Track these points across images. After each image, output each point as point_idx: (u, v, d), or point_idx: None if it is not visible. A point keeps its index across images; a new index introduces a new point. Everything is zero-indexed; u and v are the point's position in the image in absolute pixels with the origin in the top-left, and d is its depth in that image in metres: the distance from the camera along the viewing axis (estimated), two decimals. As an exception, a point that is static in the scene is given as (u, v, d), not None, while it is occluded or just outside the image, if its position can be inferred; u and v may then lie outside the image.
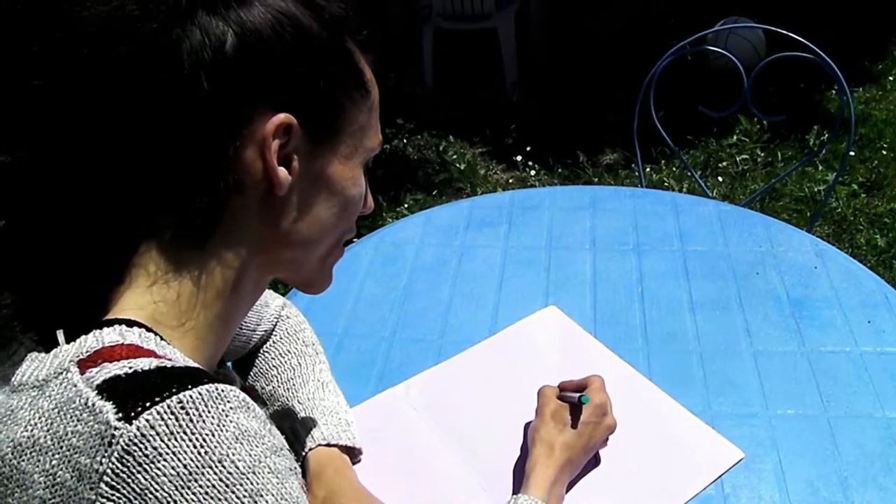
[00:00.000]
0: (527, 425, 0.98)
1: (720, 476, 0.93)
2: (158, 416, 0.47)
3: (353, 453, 0.93)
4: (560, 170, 3.17)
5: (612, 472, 0.94)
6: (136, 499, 0.46)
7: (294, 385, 0.95)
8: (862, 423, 0.98)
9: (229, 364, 0.97)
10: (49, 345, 0.54)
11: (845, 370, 1.06)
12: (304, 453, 0.88)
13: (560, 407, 0.92)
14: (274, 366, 0.96)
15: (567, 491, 0.91)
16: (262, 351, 0.97)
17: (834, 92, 3.33)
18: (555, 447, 0.88)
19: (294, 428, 0.90)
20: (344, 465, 0.89)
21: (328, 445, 0.90)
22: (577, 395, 0.91)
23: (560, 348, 1.13)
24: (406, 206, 3.00)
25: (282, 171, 0.57)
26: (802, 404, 1.02)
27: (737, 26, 2.86)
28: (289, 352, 0.97)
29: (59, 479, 0.48)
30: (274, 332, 0.99)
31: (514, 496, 0.83)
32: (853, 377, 1.05)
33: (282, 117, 0.56)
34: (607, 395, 0.94)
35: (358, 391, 1.06)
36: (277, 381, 0.95)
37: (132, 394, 0.49)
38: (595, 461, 0.95)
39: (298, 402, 0.93)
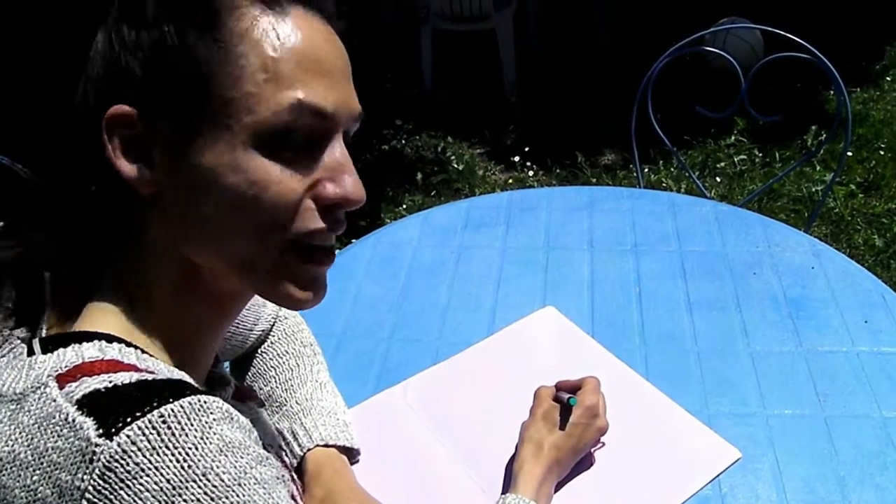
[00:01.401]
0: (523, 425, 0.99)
1: (717, 476, 0.93)
2: (140, 432, 0.47)
3: (351, 454, 0.93)
4: (558, 170, 3.17)
5: (610, 472, 0.94)
6: None
7: (292, 386, 0.95)
8: (859, 423, 0.98)
9: (226, 364, 0.97)
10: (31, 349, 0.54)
11: (842, 370, 1.06)
12: (302, 454, 0.88)
13: (552, 407, 0.92)
14: (272, 366, 0.96)
15: (564, 491, 0.92)
16: (259, 352, 0.98)
17: (832, 92, 3.34)
18: (543, 447, 0.88)
19: (292, 428, 0.90)
20: (342, 465, 0.90)
21: (326, 446, 0.90)
22: (567, 396, 0.92)
23: (558, 348, 1.13)
24: (404, 206, 3.00)
25: (126, 167, 0.53)
26: (799, 404, 1.02)
27: (735, 27, 2.86)
28: (287, 352, 0.97)
29: (39, 495, 0.47)
30: (272, 333, 0.99)
31: (503, 496, 0.84)
32: (850, 377, 1.05)
33: (113, 109, 0.51)
34: (602, 396, 0.94)
35: (356, 392, 1.07)
36: (275, 381, 0.95)
37: (112, 409, 0.48)
38: (587, 462, 0.95)
39: (296, 402, 0.93)
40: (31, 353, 0.53)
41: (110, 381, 0.50)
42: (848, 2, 4.01)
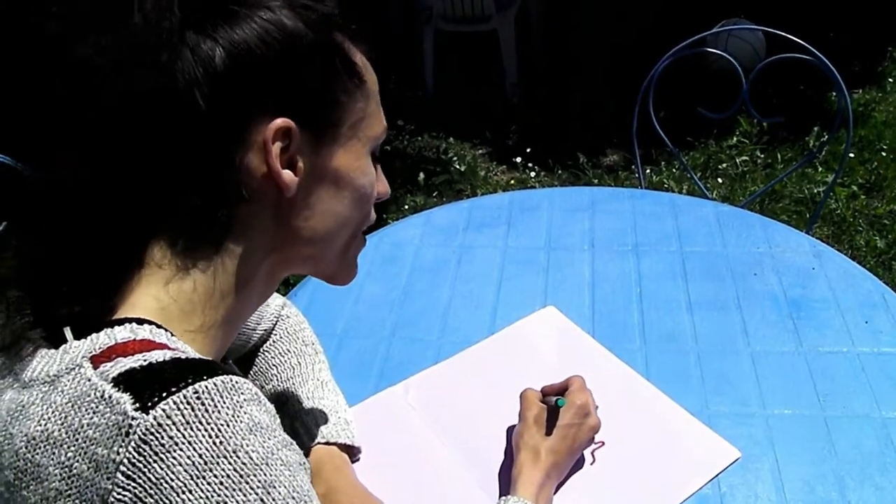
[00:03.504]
0: (509, 428, 0.99)
1: (717, 475, 0.93)
2: (175, 406, 0.48)
3: (351, 452, 0.94)
4: (560, 171, 3.18)
5: (610, 471, 0.95)
6: (151, 488, 0.47)
7: (293, 384, 0.95)
8: (859, 423, 0.99)
9: (230, 362, 0.98)
10: (56, 342, 0.55)
11: (842, 370, 1.07)
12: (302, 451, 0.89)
13: (542, 410, 0.93)
14: (273, 365, 0.97)
15: (564, 490, 0.92)
16: (261, 350, 0.98)
17: (833, 94, 3.34)
18: (540, 452, 0.88)
19: (293, 426, 0.91)
20: (343, 463, 0.90)
21: (327, 443, 0.90)
22: (555, 398, 0.92)
23: (558, 348, 1.14)
24: (406, 207, 3.01)
25: (287, 174, 0.59)
26: (799, 404, 1.02)
27: (737, 28, 2.87)
28: (288, 351, 0.98)
29: (75, 471, 0.48)
30: (274, 332, 0.99)
31: (503, 497, 0.84)
32: (850, 377, 1.05)
33: (279, 122, 0.57)
34: (589, 393, 0.94)
35: (357, 390, 1.07)
36: (277, 380, 0.96)
37: (149, 385, 0.49)
38: (588, 461, 0.95)
39: (298, 400, 0.93)
40: (63, 342, 0.55)
41: (145, 360, 0.51)
42: (850, 3, 4.01)
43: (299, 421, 0.91)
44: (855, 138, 3.12)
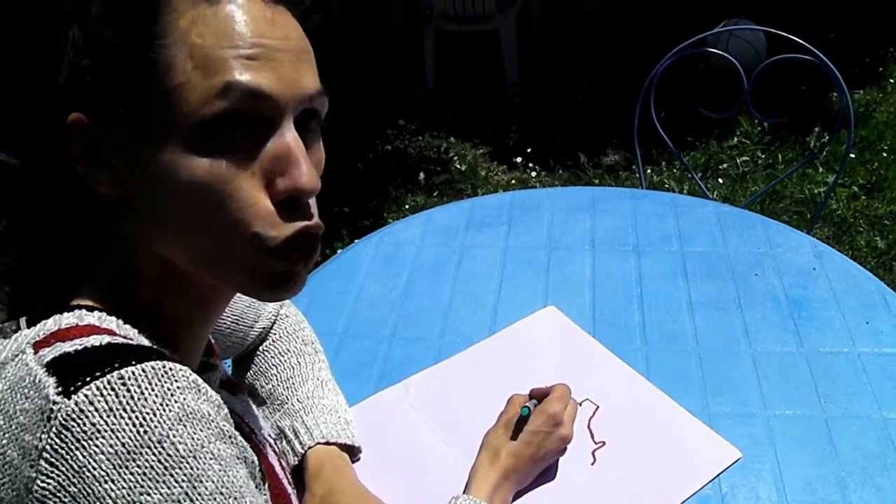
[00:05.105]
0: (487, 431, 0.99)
1: (718, 476, 0.93)
2: (98, 392, 0.46)
3: (352, 452, 0.94)
4: (561, 171, 3.17)
5: (610, 472, 0.94)
6: (74, 476, 0.45)
7: (293, 384, 0.95)
8: (860, 424, 0.98)
9: (227, 363, 0.98)
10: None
11: (843, 371, 1.06)
12: (303, 451, 0.89)
13: (517, 415, 0.93)
14: (273, 364, 0.96)
15: (564, 490, 0.92)
16: (260, 350, 0.98)
17: (835, 94, 3.33)
18: (500, 453, 0.89)
19: (293, 426, 0.90)
20: (343, 463, 0.90)
21: (327, 444, 0.90)
22: (523, 405, 0.92)
23: (559, 348, 1.14)
24: (407, 206, 3.01)
25: (89, 172, 0.53)
26: (800, 405, 1.02)
27: (738, 28, 2.86)
28: (288, 350, 0.98)
29: (7, 458, 0.47)
30: (273, 331, 0.99)
31: (454, 496, 0.84)
32: (851, 378, 1.05)
33: (70, 118, 0.51)
34: (573, 405, 0.94)
35: (358, 390, 1.07)
36: (277, 379, 0.95)
37: (76, 369, 0.48)
38: (588, 461, 0.95)
39: (298, 400, 0.93)
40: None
41: (81, 344, 0.50)
42: (851, 4, 4.01)
43: (299, 420, 0.91)
44: (856, 139, 3.12)
